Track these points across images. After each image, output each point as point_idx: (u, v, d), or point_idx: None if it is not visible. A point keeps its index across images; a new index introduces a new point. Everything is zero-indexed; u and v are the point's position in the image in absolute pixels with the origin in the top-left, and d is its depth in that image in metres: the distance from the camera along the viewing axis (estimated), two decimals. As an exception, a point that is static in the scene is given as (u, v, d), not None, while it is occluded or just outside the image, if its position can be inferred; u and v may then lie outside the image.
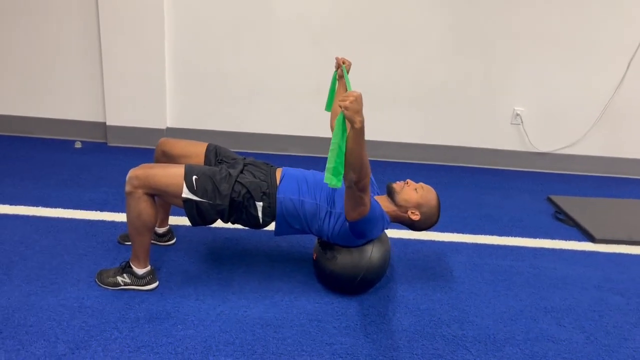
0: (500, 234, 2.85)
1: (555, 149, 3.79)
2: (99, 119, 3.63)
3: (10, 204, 2.69)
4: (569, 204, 3.22)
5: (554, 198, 3.30)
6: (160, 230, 2.45)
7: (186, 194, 2.00)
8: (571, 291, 2.38)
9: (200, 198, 2.01)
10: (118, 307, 2.01)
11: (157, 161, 2.34)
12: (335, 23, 3.45)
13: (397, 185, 2.20)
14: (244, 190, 2.05)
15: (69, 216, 2.63)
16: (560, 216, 3.11)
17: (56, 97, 3.57)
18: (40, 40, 3.43)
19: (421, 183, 2.23)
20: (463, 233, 2.82)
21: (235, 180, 2.06)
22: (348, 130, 1.74)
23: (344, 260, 2.14)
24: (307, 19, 3.43)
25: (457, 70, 3.57)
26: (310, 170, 2.26)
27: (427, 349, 1.94)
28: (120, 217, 2.64)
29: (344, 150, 1.75)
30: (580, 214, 3.09)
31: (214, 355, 1.81)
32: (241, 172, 2.13)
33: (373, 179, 2.41)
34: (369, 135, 3.59)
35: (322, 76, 3.54)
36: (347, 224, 2.02)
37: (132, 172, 2.00)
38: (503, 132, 3.74)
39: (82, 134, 3.67)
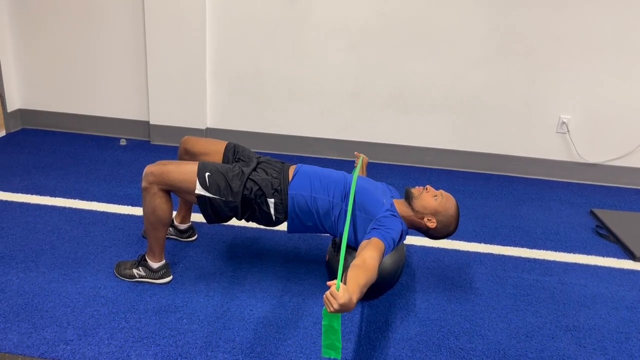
0: (531, 247, 2.72)
1: (605, 160, 3.58)
2: (143, 117, 3.78)
3: (51, 196, 2.85)
4: (613, 218, 3.04)
5: (597, 212, 3.12)
6: (182, 226, 2.52)
7: (199, 190, 2.05)
8: (599, 310, 2.24)
9: (213, 195, 2.05)
10: (130, 299, 2.08)
11: (181, 158, 2.41)
12: (373, 26, 3.42)
13: (416, 191, 2.16)
14: (255, 187, 2.08)
15: (102, 209, 2.75)
16: (602, 231, 2.94)
17: (105, 97, 3.76)
18: (92, 43, 3.62)
19: (441, 190, 2.17)
20: (490, 244, 2.72)
21: (248, 178, 2.09)
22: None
23: (354, 264, 2.11)
24: (345, 23, 3.43)
25: (498, 74, 3.45)
26: (327, 168, 2.26)
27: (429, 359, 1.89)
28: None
29: (337, 327, 1.58)
30: (624, 229, 2.90)
31: (212, 351, 1.84)
32: (254, 169, 2.15)
33: (388, 186, 2.37)
34: (402, 140, 3.57)
35: (358, 80, 3.53)
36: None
37: (148, 169, 2.07)
38: (547, 141, 3.58)
39: (127, 132, 3.83)
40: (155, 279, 2.19)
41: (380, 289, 2.17)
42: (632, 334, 2.11)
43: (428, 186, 2.17)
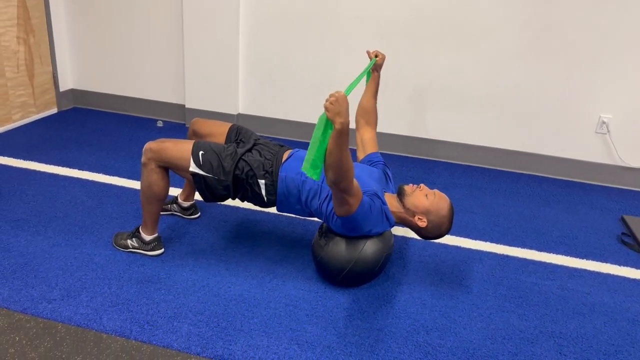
0: (540, 249, 2.58)
1: (650, 164, 3.32)
2: (180, 101, 3.94)
3: (79, 169, 3.05)
4: (644, 227, 2.82)
5: (629, 219, 2.90)
6: (186, 204, 2.62)
7: (193, 168, 2.12)
8: (594, 320, 2.10)
9: (206, 173, 2.12)
10: (119, 267, 2.20)
11: (189, 139, 2.51)
12: (403, 18, 3.36)
13: (408, 188, 2.12)
14: (247, 168, 2.12)
15: (120, 184, 2.91)
16: (627, 239, 2.73)
17: (147, 80, 3.95)
18: (136, 30, 3.82)
19: (435, 190, 2.12)
20: (496, 243, 2.61)
21: (240, 158, 2.14)
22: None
23: (334, 249, 2.11)
24: (375, 14, 3.39)
25: (533, 70, 3.29)
26: None
27: (392, 351, 1.85)
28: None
29: (325, 145, 1.73)
30: (653, 239, 2.69)
31: (179, 321, 1.91)
32: (249, 150, 2.20)
33: (390, 174, 2.35)
34: (431, 134, 3.49)
35: (387, 72, 3.47)
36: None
37: (148, 145, 2.17)
38: (584, 141, 3.36)
39: (165, 115, 4.01)
40: (146, 250, 2.29)
41: (359, 278, 2.15)
42: (624, 347, 1.96)
43: (422, 185, 2.12)
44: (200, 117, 3.87)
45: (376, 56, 2.38)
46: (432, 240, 2.28)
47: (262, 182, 2.12)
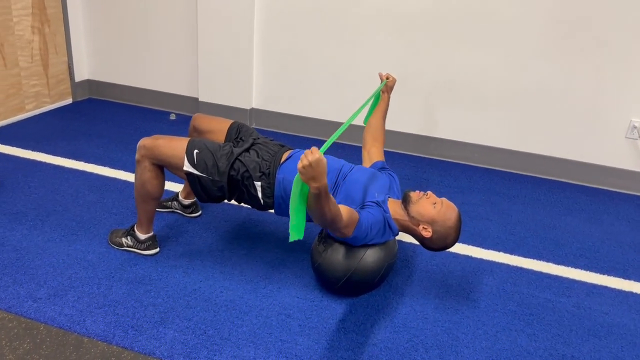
0: (558, 262, 2.42)
1: (684, 173, 3.10)
2: (193, 94, 3.87)
3: (85, 162, 3.01)
4: (674, 241, 2.62)
5: (657, 232, 2.71)
6: (186, 202, 2.55)
7: (187, 167, 2.04)
8: (612, 343, 1.94)
9: (201, 173, 2.03)
10: (111, 266, 2.13)
11: (190, 135, 2.43)
12: (421, 11, 3.21)
13: (415, 195, 1.99)
14: (243, 169, 2.03)
15: (124, 178, 2.85)
16: (654, 254, 2.55)
17: (161, 72, 3.90)
18: (151, 22, 3.76)
19: (443, 198, 1.98)
20: (510, 254, 2.46)
21: (236, 158, 2.04)
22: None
23: (332, 256, 2.00)
24: (392, 8, 3.25)
25: (560, 69, 3.09)
26: (329, 156, 2.16)
27: (385, 369, 1.74)
28: (169, 185, 2.79)
29: (304, 207, 1.60)
30: (683, 255, 2.49)
31: (165, 327, 1.83)
32: (246, 150, 2.10)
33: (397, 180, 2.22)
34: (448, 134, 3.34)
35: (405, 69, 3.35)
36: None
37: (142, 142, 2.09)
38: (613, 147, 3.16)
39: (178, 107, 3.95)
40: (141, 249, 2.22)
41: (358, 287, 2.03)
42: (641, 376, 1.80)
43: (429, 192, 1.99)
44: (213, 111, 3.83)
45: (387, 78, 2.39)
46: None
47: (258, 184, 2.02)
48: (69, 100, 3.98)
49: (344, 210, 1.77)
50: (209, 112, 3.80)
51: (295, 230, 1.57)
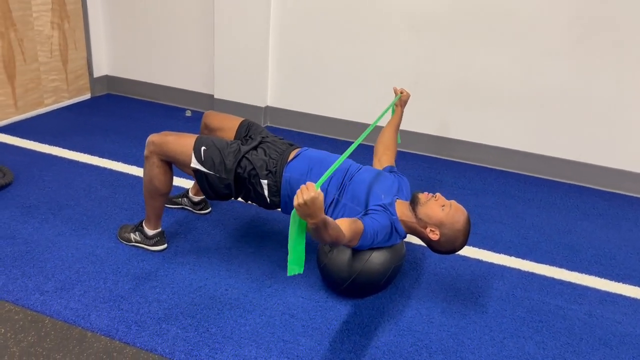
0: (571, 268, 2.36)
1: None
2: (209, 91, 3.89)
3: (100, 156, 3.04)
4: (694, 249, 2.54)
5: (677, 239, 2.63)
6: (196, 198, 2.55)
7: (194, 164, 2.04)
8: (623, 354, 1.88)
9: (208, 170, 2.03)
10: (119, 261, 2.15)
11: (201, 132, 2.43)
12: (438, 13, 3.16)
13: (423, 196, 1.96)
14: (249, 167, 2.02)
15: (137, 174, 2.87)
16: (673, 262, 2.47)
17: (178, 69, 3.92)
18: (169, 19, 3.78)
19: (452, 201, 1.95)
20: (522, 258, 2.41)
21: (243, 156, 2.04)
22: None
23: (338, 257, 1.98)
24: (409, 7, 3.20)
25: (581, 70, 3.02)
26: (336, 155, 2.14)
27: (387, 373, 1.72)
28: (180, 181, 2.81)
29: (302, 241, 1.53)
30: (703, 264, 2.41)
31: (168, 324, 1.83)
32: (254, 148, 2.10)
33: (407, 182, 2.19)
34: (464, 135, 3.29)
35: (421, 68, 3.31)
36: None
37: (150, 138, 2.11)
38: (633, 150, 3.06)
39: (194, 104, 3.97)
40: (149, 245, 2.23)
41: (364, 289, 2.01)
42: (653, 388, 1.74)
43: (438, 194, 1.96)
44: (228, 108, 3.84)
45: (401, 93, 2.41)
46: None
47: (264, 182, 2.01)
48: (88, 96, 4.02)
49: (346, 225, 1.73)
50: (224, 109, 3.80)
51: (295, 264, 1.52)
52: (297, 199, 1.46)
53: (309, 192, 1.45)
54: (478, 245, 2.47)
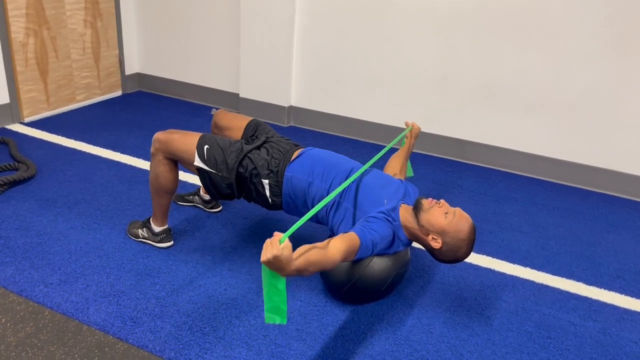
0: (590, 283, 2.24)
1: None
2: (234, 90, 3.91)
3: (121, 152, 3.10)
4: None
5: None
6: (207, 196, 2.57)
7: (197, 162, 2.05)
8: (635, 377, 1.77)
9: (210, 168, 2.04)
10: (124, 256, 2.18)
11: (211, 131, 2.44)
12: (463, 11, 3.07)
13: (426, 202, 1.89)
14: (251, 166, 2.02)
15: (155, 171, 2.91)
16: None
17: (205, 68, 3.96)
18: (197, 19, 3.83)
19: (457, 208, 1.88)
20: (537, 270, 2.30)
21: (245, 155, 2.03)
22: None
23: (338, 262, 1.94)
24: (433, 7, 3.13)
25: (614, 73, 2.87)
26: (342, 155, 2.11)
27: (378, 383, 1.67)
28: (187, 177, 2.84)
29: (279, 288, 1.45)
30: None
31: (163, 321, 1.84)
32: (257, 148, 2.09)
33: (416, 189, 2.13)
34: (489, 139, 3.20)
35: (445, 69, 3.23)
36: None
37: (156, 135, 2.13)
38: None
39: (220, 102, 4.00)
40: (155, 241, 2.26)
41: (363, 295, 1.97)
42: (663, 416, 1.63)
43: (442, 201, 1.89)
44: (252, 107, 3.85)
45: (412, 125, 2.35)
46: (468, 258, 2.03)
47: (265, 182, 2.00)
48: (119, 93, 4.12)
49: (340, 246, 1.66)
50: (248, 108, 3.83)
51: (274, 313, 1.45)
52: (262, 256, 1.40)
53: (272, 249, 1.38)
54: (492, 254, 2.38)
